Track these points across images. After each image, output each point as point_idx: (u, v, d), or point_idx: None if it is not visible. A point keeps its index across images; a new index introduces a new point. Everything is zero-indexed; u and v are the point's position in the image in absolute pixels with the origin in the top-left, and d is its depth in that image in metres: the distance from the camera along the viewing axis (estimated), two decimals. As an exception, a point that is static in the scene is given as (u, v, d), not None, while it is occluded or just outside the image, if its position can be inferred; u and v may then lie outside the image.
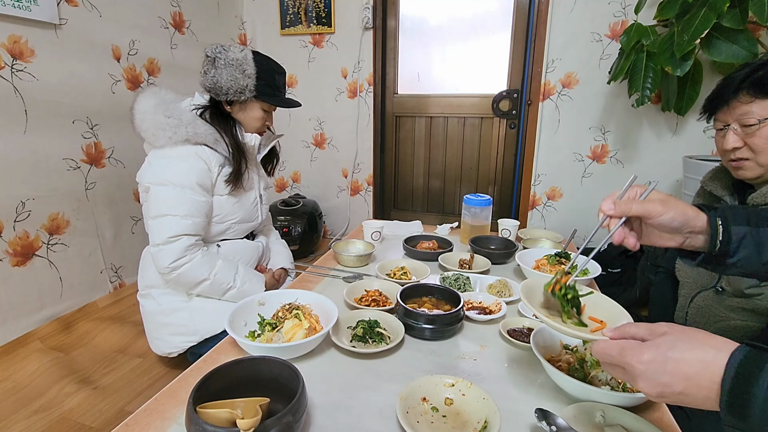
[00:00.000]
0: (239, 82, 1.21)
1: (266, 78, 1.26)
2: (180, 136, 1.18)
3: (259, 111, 1.30)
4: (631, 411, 0.64)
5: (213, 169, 1.24)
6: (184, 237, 1.18)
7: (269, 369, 0.67)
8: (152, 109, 1.18)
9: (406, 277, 1.19)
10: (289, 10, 2.72)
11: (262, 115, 1.31)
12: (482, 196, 1.51)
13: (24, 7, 1.51)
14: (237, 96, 1.23)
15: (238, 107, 1.29)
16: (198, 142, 1.21)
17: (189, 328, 1.25)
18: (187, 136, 1.18)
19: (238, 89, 1.22)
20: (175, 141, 1.18)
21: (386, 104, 2.81)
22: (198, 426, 0.53)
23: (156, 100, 1.20)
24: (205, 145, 1.22)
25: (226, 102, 1.27)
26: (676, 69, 1.72)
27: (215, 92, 1.23)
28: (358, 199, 2.95)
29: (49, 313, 1.68)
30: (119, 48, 1.93)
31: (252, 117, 1.30)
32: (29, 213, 1.60)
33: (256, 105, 1.29)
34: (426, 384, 0.70)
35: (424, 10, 2.61)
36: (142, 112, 1.18)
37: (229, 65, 1.20)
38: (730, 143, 0.95)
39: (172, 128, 1.17)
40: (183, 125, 1.18)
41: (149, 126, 1.18)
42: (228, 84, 1.21)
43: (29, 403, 1.26)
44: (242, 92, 1.23)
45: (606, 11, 2.19)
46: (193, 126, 1.19)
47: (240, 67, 1.21)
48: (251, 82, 1.22)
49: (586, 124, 2.37)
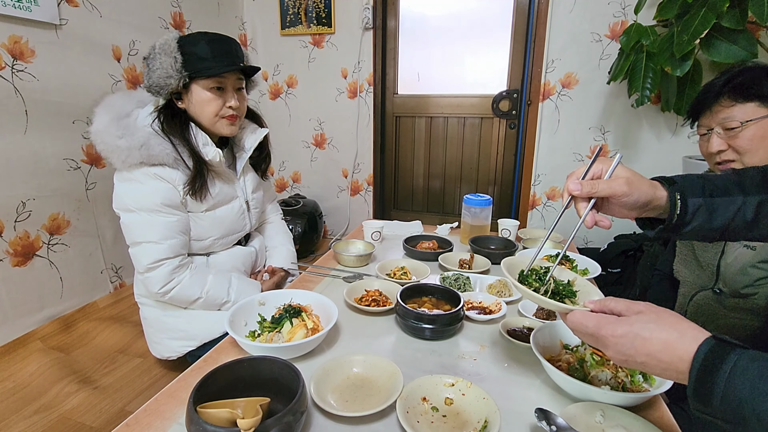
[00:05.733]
0: (165, 65, 1.06)
1: (193, 51, 1.09)
2: (134, 159, 1.06)
3: (204, 93, 1.12)
4: (631, 411, 0.64)
5: (178, 188, 1.13)
6: (166, 261, 1.12)
7: (269, 369, 0.67)
8: (104, 129, 1.07)
9: (406, 277, 1.19)
10: (289, 11, 2.72)
11: (210, 96, 1.13)
12: (482, 196, 1.51)
13: (24, 7, 1.51)
14: (168, 81, 1.08)
15: (186, 99, 1.14)
16: (155, 164, 1.09)
17: (188, 333, 1.22)
18: (141, 159, 1.06)
19: (166, 74, 1.07)
20: (129, 165, 1.07)
21: (386, 104, 2.81)
22: (198, 426, 0.53)
23: (110, 116, 1.09)
24: (165, 165, 1.10)
25: (175, 98, 1.14)
26: (676, 69, 1.72)
27: (153, 89, 1.11)
28: (358, 199, 2.95)
29: (49, 313, 1.68)
30: (119, 48, 1.93)
31: (200, 102, 1.13)
32: (30, 213, 1.60)
33: (197, 87, 1.12)
34: (426, 384, 0.70)
35: (424, 11, 2.61)
36: (94, 133, 1.08)
37: (156, 55, 1.08)
38: (715, 146, 0.98)
39: (124, 151, 1.05)
40: (136, 147, 1.05)
41: (102, 148, 1.07)
42: (157, 73, 1.07)
43: (29, 403, 1.26)
44: (169, 75, 1.07)
45: (606, 11, 2.19)
46: (146, 148, 1.06)
47: (163, 50, 1.07)
48: (176, 61, 1.07)
49: (586, 124, 2.37)
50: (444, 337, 0.90)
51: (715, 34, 1.61)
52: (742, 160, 0.97)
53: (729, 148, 0.98)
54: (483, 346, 0.88)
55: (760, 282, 0.99)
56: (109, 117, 1.09)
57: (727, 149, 0.98)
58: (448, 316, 0.89)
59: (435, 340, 0.89)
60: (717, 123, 0.98)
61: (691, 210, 0.62)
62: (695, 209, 0.62)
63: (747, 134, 0.94)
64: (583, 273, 1.19)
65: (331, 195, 2.99)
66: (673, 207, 0.62)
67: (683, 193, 0.62)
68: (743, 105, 0.94)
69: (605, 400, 0.66)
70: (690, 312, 1.13)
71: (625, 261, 2.08)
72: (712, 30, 1.59)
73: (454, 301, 0.96)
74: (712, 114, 0.99)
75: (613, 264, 2.09)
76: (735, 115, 0.95)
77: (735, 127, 0.95)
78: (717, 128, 0.98)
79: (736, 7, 1.51)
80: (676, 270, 1.21)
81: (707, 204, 0.62)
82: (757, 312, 1.00)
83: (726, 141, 0.97)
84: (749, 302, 1.01)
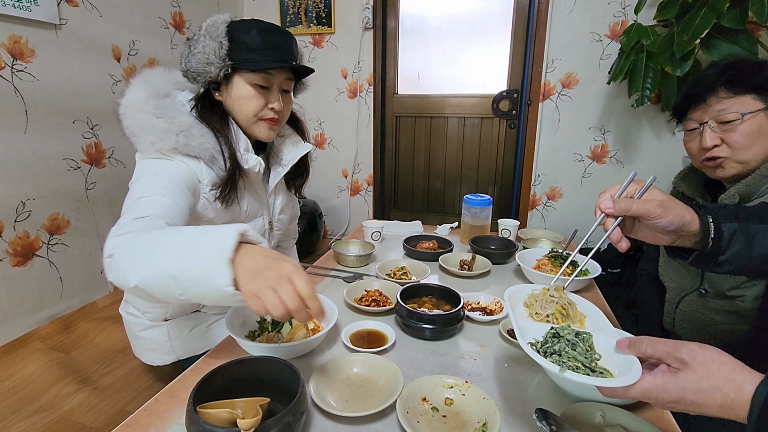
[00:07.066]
0: (206, 50, 0.92)
1: (242, 38, 0.94)
2: (167, 144, 0.89)
3: (246, 87, 0.97)
4: (631, 411, 0.64)
5: (204, 187, 0.95)
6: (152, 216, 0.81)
7: (269, 369, 0.67)
8: (140, 104, 0.91)
9: (406, 277, 1.19)
10: (289, 10, 2.72)
11: (252, 93, 0.97)
12: (482, 196, 1.51)
13: (24, 7, 1.51)
14: (207, 69, 0.93)
15: (225, 91, 1.00)
16: (189, 155, 0.92)
17: (165, 347, 1.11)
18: (175, 145, 0.89)
19: (206, 60, 0.92)
20: (159, 148, 0.89)
21: (386, 104, 2.81)
22: (198, 426, 0.53)
23: (147, 92, 0.93)
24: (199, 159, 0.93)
25: (213, 88, 1.00)
26: (676, 69, 1.72)
27: (189, 75, 0.97)
28: (358, 199, 2.95)
29: (49, 313, 1.68)
30: (119, 48, 1.93)
31: (240, 98, 0.98)
32: (29, 213, 1.60)
33: (239, 79, 0.97)
34: (426, 384, 0.70)
35: (424, 10, 2.61)
36: (126, 107, 0.92)
37: (202, 37, 0.93)
38: (709, 141, 0.94)
39: (158, 132, 0.89)
40: (173, 131, 0.89)
41: (131, 123, 0.91)
42: (197, 57, 0.93)
43: (29, 403, 1.26)
44: (210, 62, 0.92)
45: (606, 11, 2.19)
46: (186, 135, 0.90)
47: (210, 33, 0.92)
48: (220, 47, 0.92)
49: (586, 124, 2.37)
50: (444, 338, 0.90)
51: (715, 34, 1.61)
52: (734, 157, 0.93)
53: (722, 143, 0.94)
54: (483, 346, 0.88)
55: (746, 284, 0.96)
56: (146, 93, 0.93)
57: (721, 144, 0.94)
58: (448, 316, 0.89)
59: (435, 340, 0.89)
60: (711, 116, 0.94)
61: (726, 235, 0.59)
62: (731, 234, 0.59)
63: (744, 128, 0.90)
64: (584, 273, 1.19)
65: (331, 195, 2.99)
66: (707, 232, 0.59)
67: (716, 217, 0.60)
68: (740, 97, 0.90)
69: (605, 400, 0.66)
70: (677, 320, 1.11)
71: (625, 261, 2.07)
72: (713, 30, 1.59)
73: (454, 301, 0.96)
74: (707, 106, 0.94)
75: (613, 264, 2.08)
76: (733, 106, 0.91)
77: (733, 120, 0.90)
78: (711, 122, 0.94)
79: (736, 7, 1.51)
80: (661, 274, 1.19)
81: (743, 230, 0.59)
82: (745, 315, 0.98)
83: (720, 135, 0.93)
84: (734, 304, 0.99)
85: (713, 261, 0.61)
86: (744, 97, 0.90)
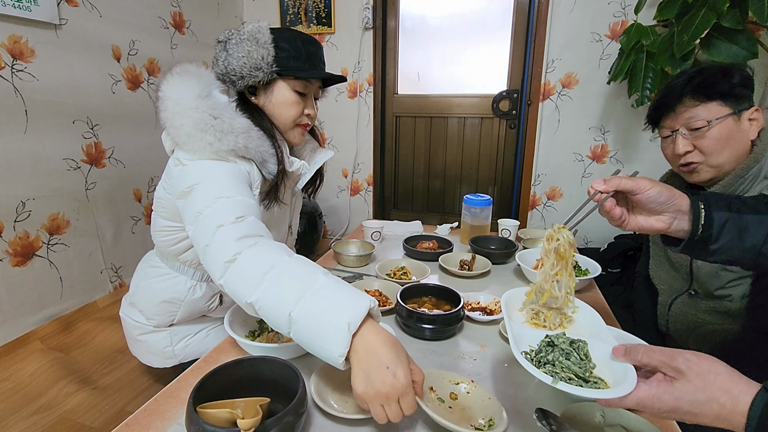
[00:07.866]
0: (253, 55, 0.93)
1: (289, 47, 0.96)
2: (225, 145, 0.87)
3: (289, 93, 1.00)
4: (631, 411, 0.64)
5: (254, 184, 0.95)
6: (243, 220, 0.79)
7: (269, 369, 0.67)
8: (195, 103, 0.89)
9: (406, 277, 1.19)
10: (289, 10, 2.72)
11: (295, 99, 1.00)
12: (482, 196, 1.51)
13: (24, 7, 1.51)
14: (253, 73, 0.94)
15: (263, 95, 1.00)
16: (243, 156, 0.92)
17: (166, 352, 1.11)
18: (234, 147, 0.88)
19: (254, 65, 0.93)
20: (217, 149, 0.87)
21: (386, 104, 2.81)
22: (198, 426, 0.53)
23: (199, 89, 0.91)
24: (251, 160, 0.94)
25: (248, 91, 1.00)
26: (676, 69, 1.72)
27: (229, 77, 0.96)
28: (358, 199, 2.95)
29: (49, 313, 1.68)
30: (119, 48, 1.93)
31: (282, 103, 1.00)
32: (29, 213, 1.60)
33: (282, 85, 0.99)
34: (433, 375, 0.71)
35: (424, 10, 2.61)
36: (176, 102, 0.89)
37: (242, 41, 0.94)
38: (681, 147, 0.97)
39: (216, 132, 0.87)
40: (233, 132, 0.88)
41: (186, 122, 0.87)
42: (241, 61, 0.93)
43: (29, 403, 1.26)
44: (258, 67, 0.94)
45: (606, 11, 2.19)
46: (246, 137, 0.90)
47: (254, 38, 0.94)
48: (268, 53, 0.94)
49: (586, 124, 2.37)
50: (444, 337, 0.90)
51: (715, 34, 1.61)
52: (707, 162, 0.96)
53: (694, 149, 0.96)
54: (483, 346, 0.88)
55: (731, 284, 0.98)
56: (198, 89, 0.91)
57: (693, 150, 0.96)
58: (448, 317, 0.89)
59: (435, 340, 0.89)
60: (681, 124, 0.96)
61: (717, 224, 0.59)
62: (721, 223, 0.59)
63: (713, 134, 0.93)
64: (584, 273, 1.19)
65: (331, 195, 2.99)
66: (697, 217, 0.60)
67: (708, 204, 0.60)
68: (707, 104, 0.93)
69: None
70: (671, 322, 1.13)
71: (625, 261, 2.08)
72: (713, 30, 1.59)
73: (454, 301, 0.96)
74: (676, 115, 0.97)
75: (613, 264, 2.09)
76: (699, 114, 0.93)
77: (701, 126, 0.93)
78: (682, 129, 0.97)
79: (736, 7, 1.51)
80: (652, 275, 1.20)
81: (735, 220, 0.59)
82: (734, 315, 1.00)
83: (691, 142, 0.96)
84: (723, 305, 1.01)
85: (704, 249, 0.62)
86: (710, 104, 0.93)
